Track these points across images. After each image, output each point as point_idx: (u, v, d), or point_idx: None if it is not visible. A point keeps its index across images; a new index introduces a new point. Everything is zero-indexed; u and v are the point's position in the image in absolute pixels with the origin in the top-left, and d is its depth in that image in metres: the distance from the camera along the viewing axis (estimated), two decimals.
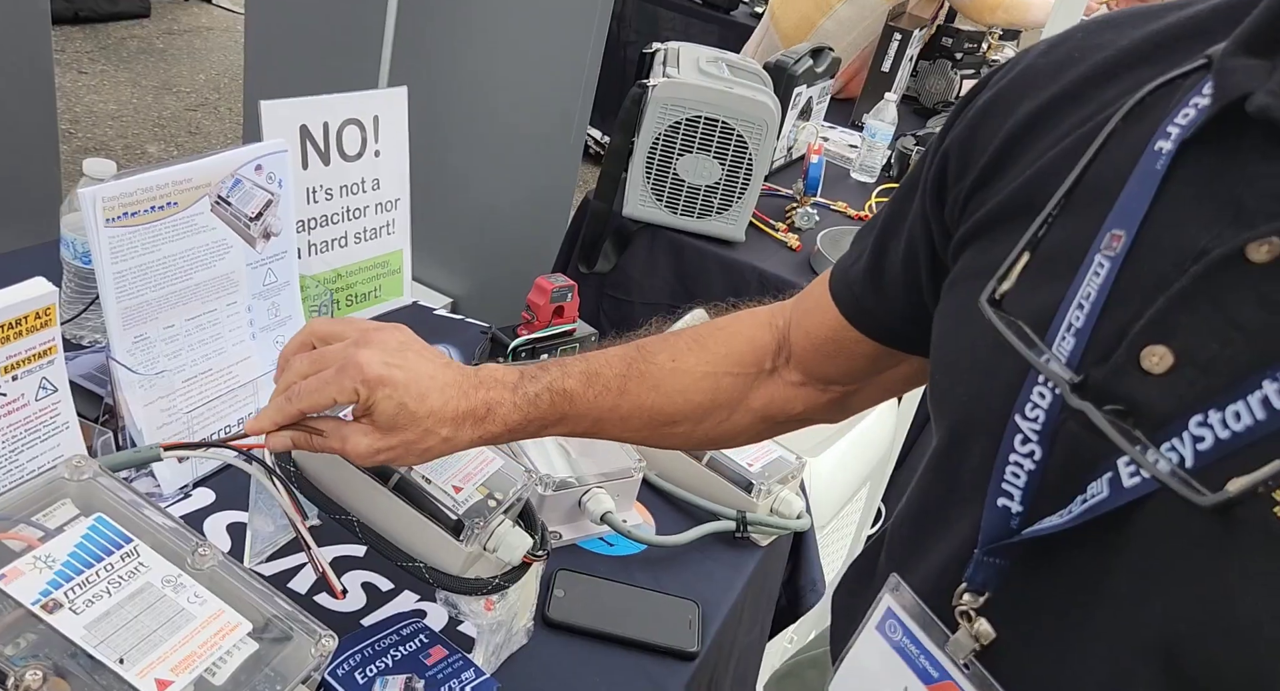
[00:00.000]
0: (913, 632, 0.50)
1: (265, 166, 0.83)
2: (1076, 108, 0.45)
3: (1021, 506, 0.43)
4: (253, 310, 0.86)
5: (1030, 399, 0.42)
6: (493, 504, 0.66)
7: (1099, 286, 0.40)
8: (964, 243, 0.50)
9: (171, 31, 3.78)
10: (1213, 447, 0.36)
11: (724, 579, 0.85)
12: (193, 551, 0.52)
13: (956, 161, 0.51)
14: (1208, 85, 0.40)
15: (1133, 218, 0.40)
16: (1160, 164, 0.40)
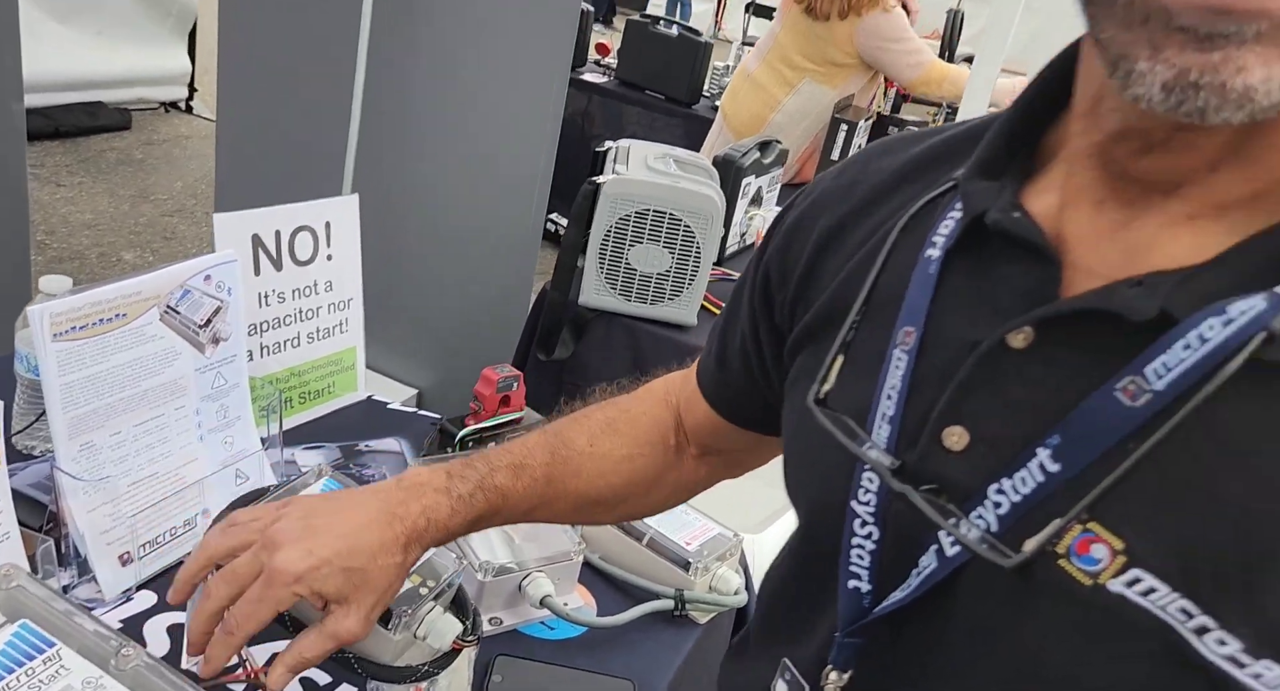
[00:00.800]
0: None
1: (214, 276, 0.87)
2: (862, 222, 0.52)
3: (870, 585, 0.47)
4: (201, 412, 0.89)
5: (861, 485, 0.47)
6: (423, 591, 0.69)
7: (901, 377, 0.46)
8: (796, 347, 0.56)
9: (151, 142, 3.91)
10: (1009, 513, 0.41)
11: (662, 657, 0.86)
12: (116, 653, 0.54)
13: (777, 275, 0.57)
14: (958, 203, 0.47)
15: (918, 316, 0.46)
16: (932, 269, 0.46)
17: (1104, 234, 0.41)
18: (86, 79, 3.70)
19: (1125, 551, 0.38)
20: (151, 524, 0.84)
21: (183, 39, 4.17)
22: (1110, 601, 0.38)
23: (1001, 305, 0.43)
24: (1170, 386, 0.37)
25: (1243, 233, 0.38)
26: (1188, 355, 0.36)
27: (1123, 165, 0.40)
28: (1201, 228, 0.39)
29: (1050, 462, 0.39)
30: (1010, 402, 0.42)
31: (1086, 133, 0.42)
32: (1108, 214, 0.41)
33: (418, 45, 1.77)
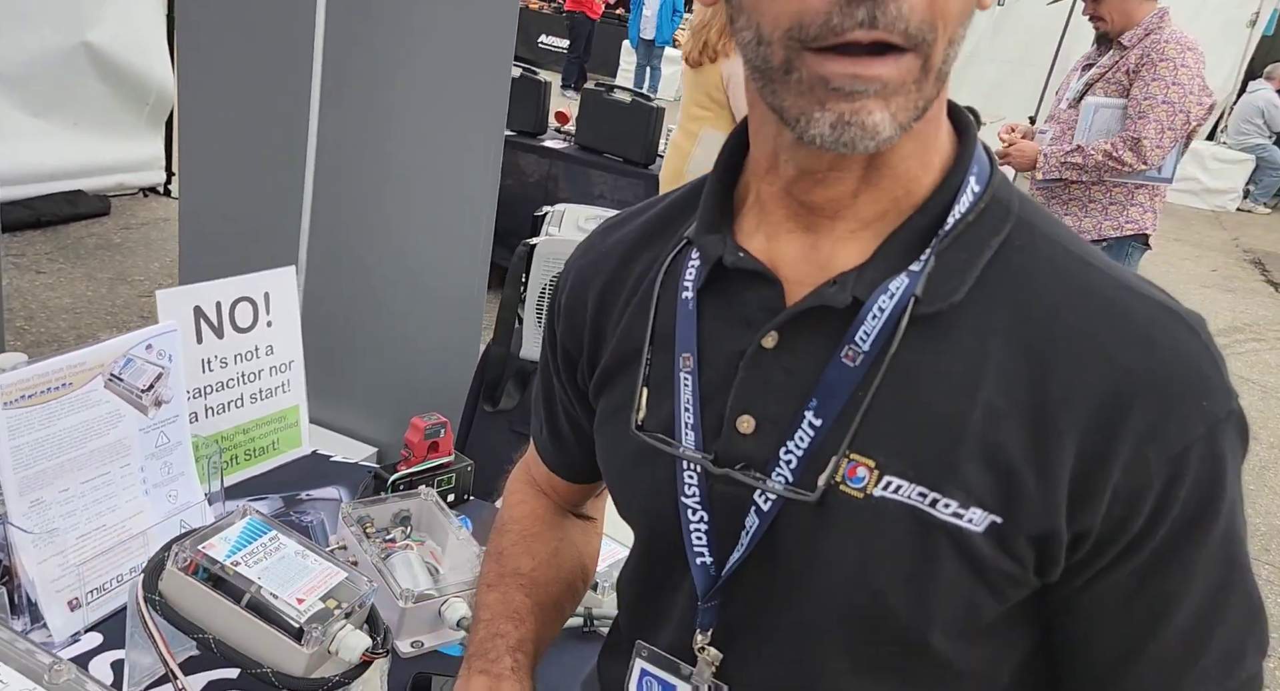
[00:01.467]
0: (661, 678, 0.64)
1: (155, 345, 0.98)
2: (622, 283, 0.66)
3: (711, 557, 0.59)
4: (145, 469, 0.98)
5: (685, 481, 0.59)
6: (335, 611, 0.77)
7: (691, 392, 0.59)
8: (595, 393, 0.68)
9: (129, 226, 4.06)
10: (798, 465, 0.55)
11: (569, 666, 0.94)
12: (49, 670, 0.63)
13: (572, 347, 0.70)
14: (695, 254, 0.61)
15: (690, 343, 0.59)
16: (690, 306, 0.60)
17: (800, 256, 0.57)
18: (65, 169, 3.86)
19: (877, 467, 0.53)
20: (99, 572, 0.93)
21: (159, 126, 4.35)
22: (876, 503, 0.53)
23: (750, 320, 0.57)
24: (872, 345, 0.53)
25: (881, 237, 0.55)
26: (875, 322, 0.53)
27: (799, 199, 0.56)
28: (857, 239, 0.56)
29: (815, 419, 0.54)
30: (776, 387, 0.56)
31: (770, 183, 0.57)
32: (798, 241, 0.57)
33: (361, 126, 1.91)
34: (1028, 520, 0.51)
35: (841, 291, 0.54)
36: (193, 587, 0.77)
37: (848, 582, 0.55)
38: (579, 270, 0.69)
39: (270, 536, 0.83)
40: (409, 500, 1.10)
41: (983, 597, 0.53)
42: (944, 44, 0.48)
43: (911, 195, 0.55)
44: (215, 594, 0.77)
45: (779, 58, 0.48)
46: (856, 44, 0.46)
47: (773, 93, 0.50)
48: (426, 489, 1.13)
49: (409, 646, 0.94)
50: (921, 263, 0.53)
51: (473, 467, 1.23)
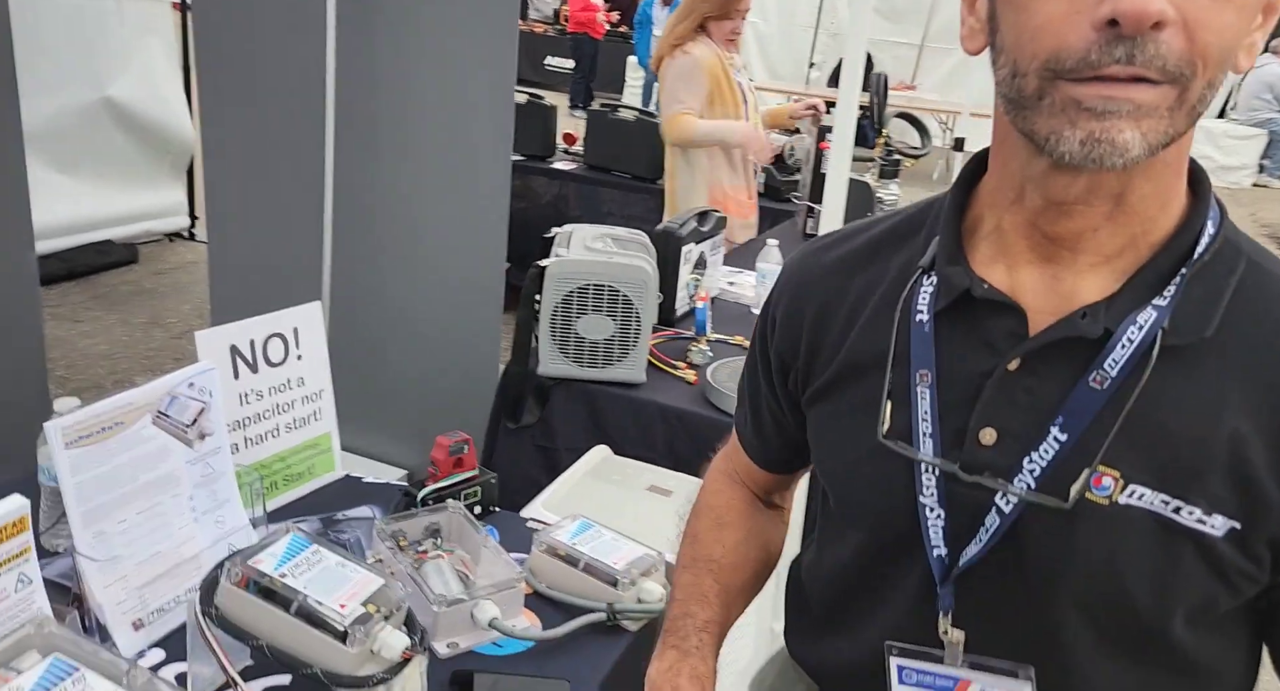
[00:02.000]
0: (920, 669, 0.70)
1: (197, 383, 1.06)
2: (841, 301, 0.73)
3: (946, 549, 0.66)
4: (194, 498, 1.06)
5: (924, 484, 0.66)
6: (375, 614, 0.85)
7: (929, 405, 0.65)
8: (814, 399, 0.75)
9: (159, 271, 4.20)
10: (1040, 474, 0.62)
11: (595, 658, 1.01)
12: (126, 673, 0.70)
13: (788, 356, 0.77)
14: (930, 282, 0.67)
15: (928, 362, 0.66)
16: (926, 329, 0.66)
17: (1042, 287, 0.63)
18: (94, 220, 4.01)
19: (1122, 477, 0.60)
20: (158, 594, 1.01)
21: (181, 173, 4.51)
22: (1121, 509, 0.60)
23: (994, 345, 0.64)
24: (1119, 372, 0.60)
25: (1123, 271, 0.61)
26: (1124, 351, 0.60)
27: (1044, 230, 0.62)
28: (1099, 273, 0.62)
29: (1060, 434, 0.61)
30: (1021, 406, 0.63)
31: (1014, 215, 0.63)
32: (1039, 272, 0.63)
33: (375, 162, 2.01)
34: (1267, 526, 0.59)
35: (1094, 323, 0.60)
36: (245, 599, 0.85)
37: (1092, 577, 0.61)
38: (796, 285, 0.77)
39: (312, 550, 0.90)
40: (438, 514, 1.17)
41: (1220, 593, 0.60)
42: (1202, 83, 0.52)
43: (1148, 234, 0.61)
44: (266, 604, 0.84)
45: (1032, 87, 0.54)
46: (1113, 78, 0.51)
47: (1024, 119, 0.56)
48: (454, 502, 1.20)
49: (445, 647, 1.01)
50: (1167, 298, 0.59)
51: (496, 480, 1.30)
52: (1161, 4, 0.49)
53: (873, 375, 0.69)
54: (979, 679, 0.67)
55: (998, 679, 0.67)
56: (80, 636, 0.73)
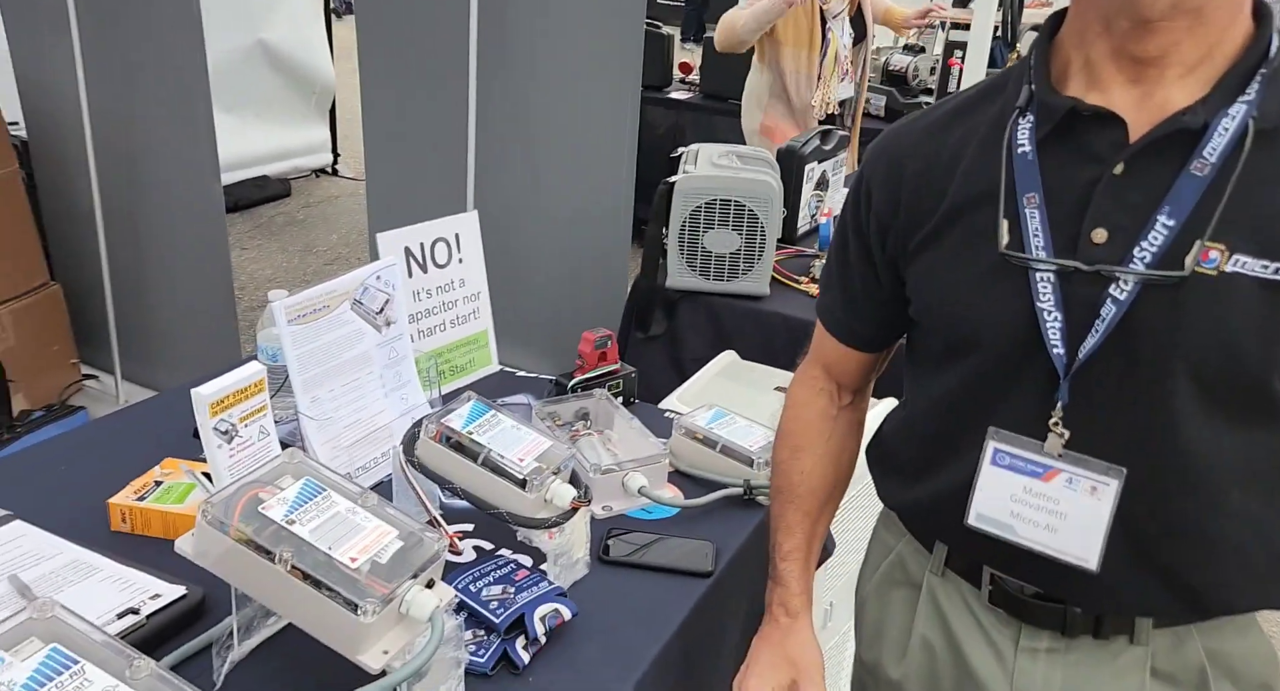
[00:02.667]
0: (1016, 454, 0.79)
1: (383, 276, 1.22)
2: (940, 154, 0.82)
3: (1064, 348, 0.74)
4: (383, 377, 1.23)
5: (1039, 290, 0.74)
6: (544, 468, 0.98)
7: (1039, 222, 0.74)
8: (917, 251, 0.83)
9: (309, 204, 4.54)
10: (1152, 258, 0.70)
11: (735, 526, 1.12)
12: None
13: (885, 217, 0.85)
14: (1027, 120, 0.76)
15: (1035, 185, 0.75)
16: (1030, 157, 0.75)
17: (1135, 104, 0.72)
18: (254, 157, 4.37)
19: (1227, 249, 0.69)
20: (361, 453, 1.18)
21: (324, 113, 4.81)
22: (1228, 277, 0.69)
23: (1100, 155, 0.72)
24: (1218, 158, 0.69)
25: (1207, 79, 0.70)
26: (1220, 139, 0.69)
27: (1132, 52, 0.70)
28: (1185, 83, 0.71)
29: (1168, 220, 0.70)
30: (1127, 204, 0.71)
31: (1102, 44, 0.72)
32: (1130, 92, 0.72)
33: (513, 95, 2.12)
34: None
35: (1195, 116, 0.69)
36: (440, 451, 1.00)
37: (1204, 345, 0.69)
38: (891, 153, 0.85)
39: (491, 414, 1.04)
40: (586, 400, 1.30)
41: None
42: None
43: (1223, 44, 0.69)
44: (457, 455, 0.99)
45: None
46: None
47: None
48: (600, 391, 1.33)
49: (601, 510, 1.14)
50: (1251, 94, 0.69)
51: (636, 374, 1.42)
52: None
53: (981, 208, 0.77)
54: (1069, 470, 0.75)
55: (1089, 473, 0.75)
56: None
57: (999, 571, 0.84)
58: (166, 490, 1.06)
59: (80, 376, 2.80)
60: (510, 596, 0.94)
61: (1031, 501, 0.77)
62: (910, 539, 0.94)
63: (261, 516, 0.80)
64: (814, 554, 1.00)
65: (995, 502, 0.79)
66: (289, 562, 0.77)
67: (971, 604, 0.88)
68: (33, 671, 0.62)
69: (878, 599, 0.99)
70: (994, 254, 0.75)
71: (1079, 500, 0.75)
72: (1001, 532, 0.79)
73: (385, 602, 0.77)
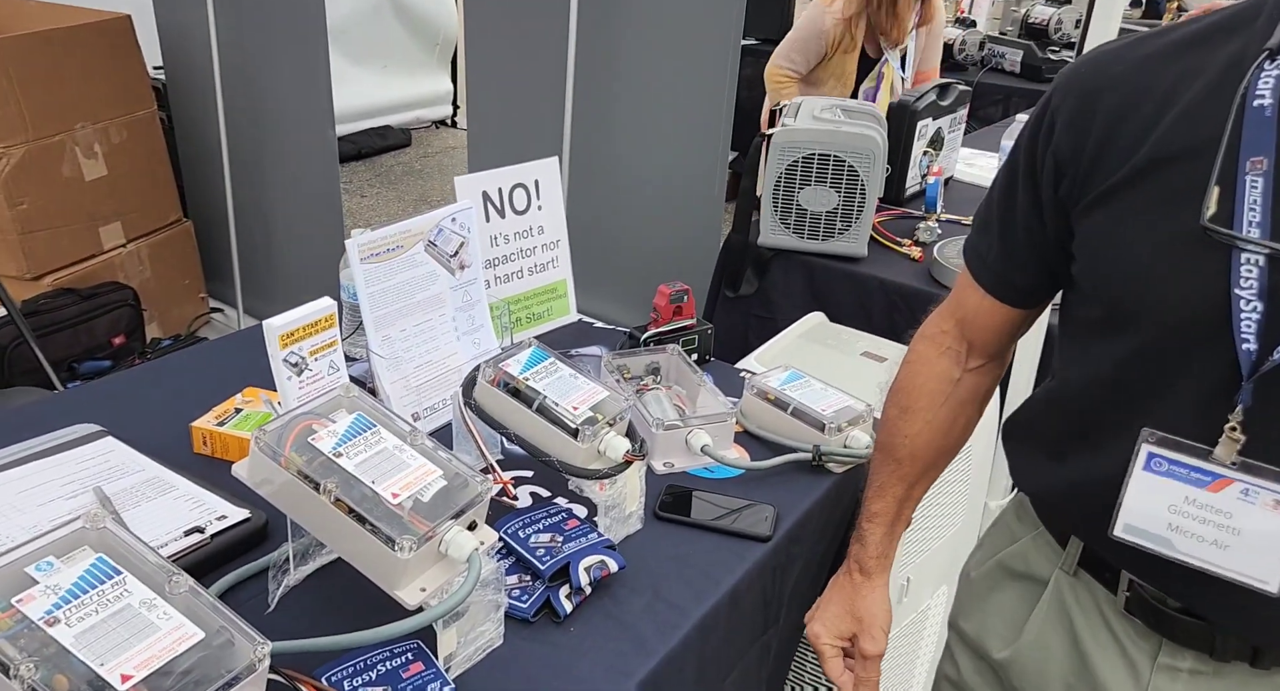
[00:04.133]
0: (1176, 460, 0.69)
1: (459, 219, 1.21)
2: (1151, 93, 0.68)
3: (1256, 344, 0.64)
4: (455, 320, 1.23)
5: (1241, 273, 0.63)
6: (599, 418, 0.96)
7: (1261, 193, 0.62)
8: (1095, 205, 0.71)
9: (427, 154, 4.67)
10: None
11: (799, 493, 1.07)
12: (409, 433, 0.86)
13: (1065, 160, 0.73)
14: (1276, 66, 0.62)
15: (1267, 148, 0.62)
16: (1269, 113, 0.62)
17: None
18: (377, 107, 4.52)
19: None
20: (430, 394, 1.19)
21: (446, 65, 4.90)
22: None
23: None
24: None
25: None
26: None
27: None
28: None
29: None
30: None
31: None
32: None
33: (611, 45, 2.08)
34: None
35: None
36: (497, 396, 0.99)
37: None
38: (1089, 83, 0.72)
39: (549, 361, 1.03)
40: (658, 355, 1.27)
41: None
42: None
43: None
44: (513, 401, 0.98)
45: None
46: None
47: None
48: (673, 346, 1.29)
49: (662, 465, 1.11)
50: None
51: (712, 331, 1.37)
52: None
53: (1190, 165, 0.65)
54: (1245, 479, 0.66)
55: (1269, 484, 0.65)
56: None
57: (1139, 578, 0.75)
58: (245, 417, 1.10)
59: (208, 309, 3.00)
60: (558, 545, 0.92)
61: (1195, 513, 0.68)
62: (1043, 532, 0.85)
63: (311, 447, 0.81)
64: (902, 519, 0.95)
65: (1149, 513, 0.70)
66: (333, 494, 0.77)
67: (1105, 609, 0.80)
68: (77, 578, 0.64)
69: (989, 585, 0.91)
70: (1193, 221, 0.64)
71: (1257, 514, 0.66)
72: (1156, 547, 0.71)
73: (424, 540, 0.77)
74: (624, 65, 2.09)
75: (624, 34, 2.07)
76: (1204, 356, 0.66)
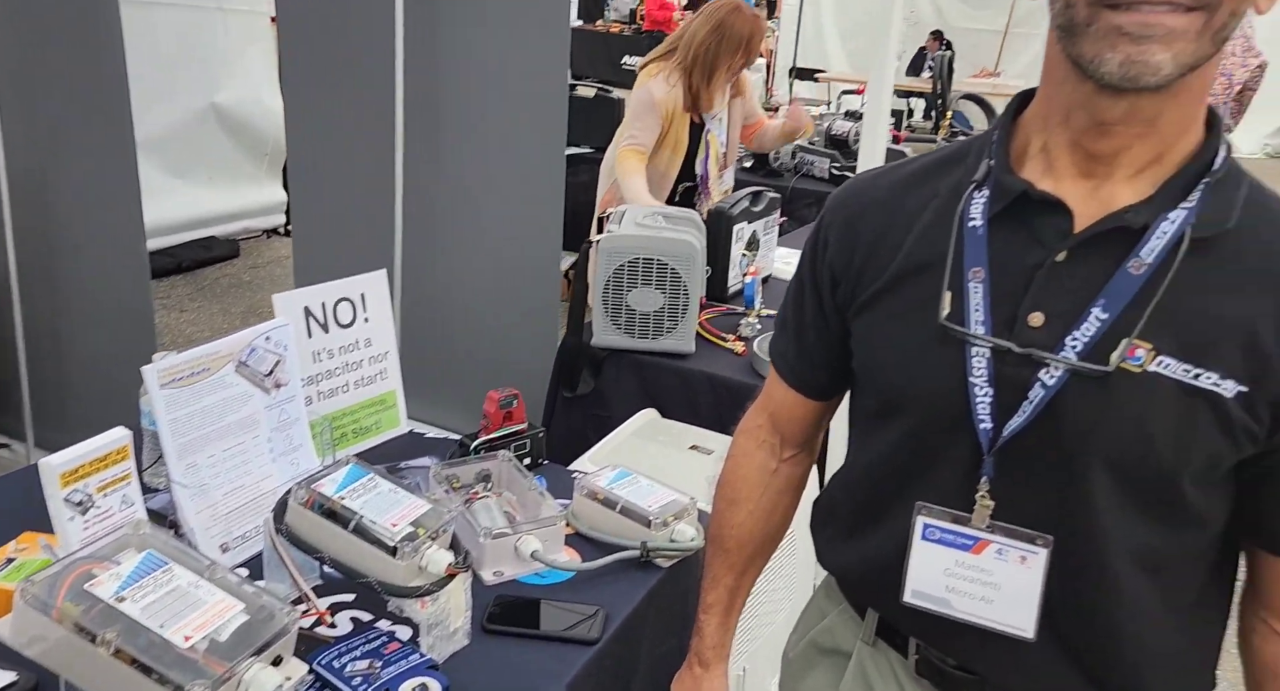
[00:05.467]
0: (944, 527, 0.78)
1: (273, 337, 1.19)
2: (897, 216, 0.81)
3: (991, 424, 0.74)
4: (271, 440, 1.19)
5: (973, 365, 0.74)
6: (420, 533, 0.94)
7: (982, 297, 0.74)
8: (863, 308, 0.82)
9: (256, 265, 4.50)
10: (1083, 347, 0.70)
11: (630, 590, 1.08)
12: (207, 568, 0.82)
13: (839, 269, 0.84)
14: (983, 193, 0.76)
15: (982, 260, 0.75)
16: (981, 232, 0.75)
17: (1084, 196, 0.72)
18: (201, 219, 4.35)
19: (1153, 348, 0.69)
20: (242, 522, 1.13)
21: (277, 174, 4.81)
22: (1151, 376, 0.69)
23: (1044, 241, 0.73)
24: (1154, 260, 0.69)
25: (1153, 181, 0.71)
26: (1158, 242, 0.69)
27: (1086, 148, 0.71)
28: (1132, 183, 0.72)
29: (1101, 313, 0.70)
30: (1066, 291, 0.72)
31: (1060, 135, 0.72)
32: (1081, 185, 0.73)
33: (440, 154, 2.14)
34: (1270, 389, 0.68)
35: (1137, 216, 0.70)
36: (311, 518, 0.96)
37: (1123, 437, 0.70)
38: (851, 207, 0.85)
39: (368, 478, 1.01)
40: (489, 462, 1.27)
41: (1224, 448, 0.69)
42: (1226, 11, 0.61)
43: (1173, 152, 0.70)
44: (328, 522, 0.95)
45: (1082, 15, 0.63)
46: (1149, 3, 0.61)
47: (1073, 44, 0.65)
48: (504, 452, 1.29)
49: (492, 575, 1.10)
50: (1192, 201, 0.70)
51: (544, 434, 1.39)
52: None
53: (929, 276, 0.77)
54: (998, 540, 0.75)
55: (1017, 542, 0.74)
56: (171, 536, 0.84)
57: (923, 641, 0.83)
58: (18, 567, 1.00)
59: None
60: (376, 671, 0.89)
61: (965, 574, 0.77)
62: (846, 607, 0.92)
63: (89, 594, 0.75)
64: (736, 608, 0.99)
65: (930, 579, 0.79)
66: (112, 645, 0.72)
67: (900, 674, 0.86)
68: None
69: (803, 665, 0.96)
70: (934, 322, 0.75)
71: (1010, 570, 0.75)
72: (940, 608, 0.78)
73: (219, 683, 0.72)
74: (453, 171, 2.15)
75: (452, 141, 2.13)
76: (956, 436, 0.75)
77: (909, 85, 7.13)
